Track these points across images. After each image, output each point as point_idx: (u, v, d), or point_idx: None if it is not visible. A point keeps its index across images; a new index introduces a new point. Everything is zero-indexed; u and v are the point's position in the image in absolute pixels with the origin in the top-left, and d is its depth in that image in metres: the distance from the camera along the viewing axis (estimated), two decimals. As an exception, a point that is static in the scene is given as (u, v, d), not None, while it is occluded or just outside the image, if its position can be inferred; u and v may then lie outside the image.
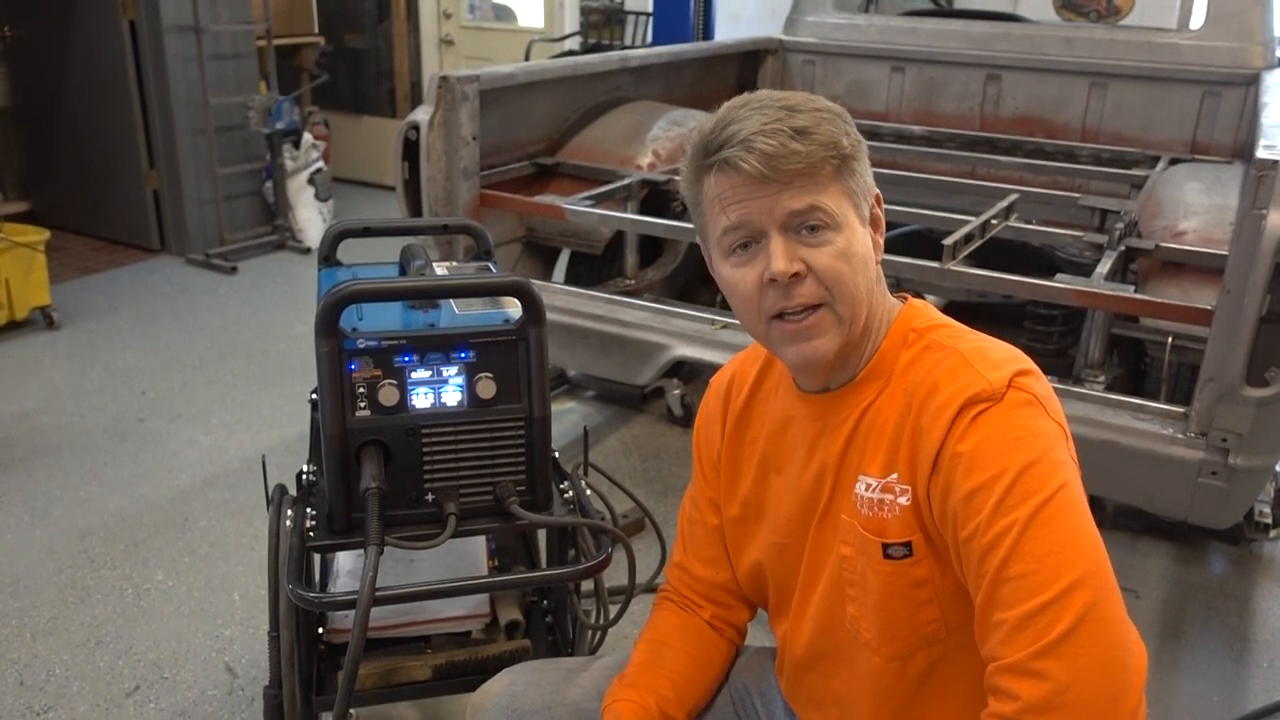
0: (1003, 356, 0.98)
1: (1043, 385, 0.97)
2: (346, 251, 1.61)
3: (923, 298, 1.15)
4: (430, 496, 1.29)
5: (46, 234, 4.04)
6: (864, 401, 1.05)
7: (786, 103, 1.00)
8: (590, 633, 1.57)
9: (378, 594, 1.16)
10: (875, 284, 1.04)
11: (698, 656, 1.26)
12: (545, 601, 1.68)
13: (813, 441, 1.09)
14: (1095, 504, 1.04)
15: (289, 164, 5.17)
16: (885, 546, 0.99)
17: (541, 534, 1.77)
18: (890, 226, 1.31)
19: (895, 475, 1.00)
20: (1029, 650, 0.86)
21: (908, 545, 0.99)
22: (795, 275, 0.99)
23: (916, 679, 1.03)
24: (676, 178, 3.25)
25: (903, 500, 0.99)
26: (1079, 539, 0.88)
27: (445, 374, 1.28)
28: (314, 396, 1.54)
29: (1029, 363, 0.99)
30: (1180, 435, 1.88)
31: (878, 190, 1.06)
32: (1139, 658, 0.87)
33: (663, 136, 3.01)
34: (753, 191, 0.98)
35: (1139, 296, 2.07)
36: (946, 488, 0.94)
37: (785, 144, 0.96)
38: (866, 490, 1.02)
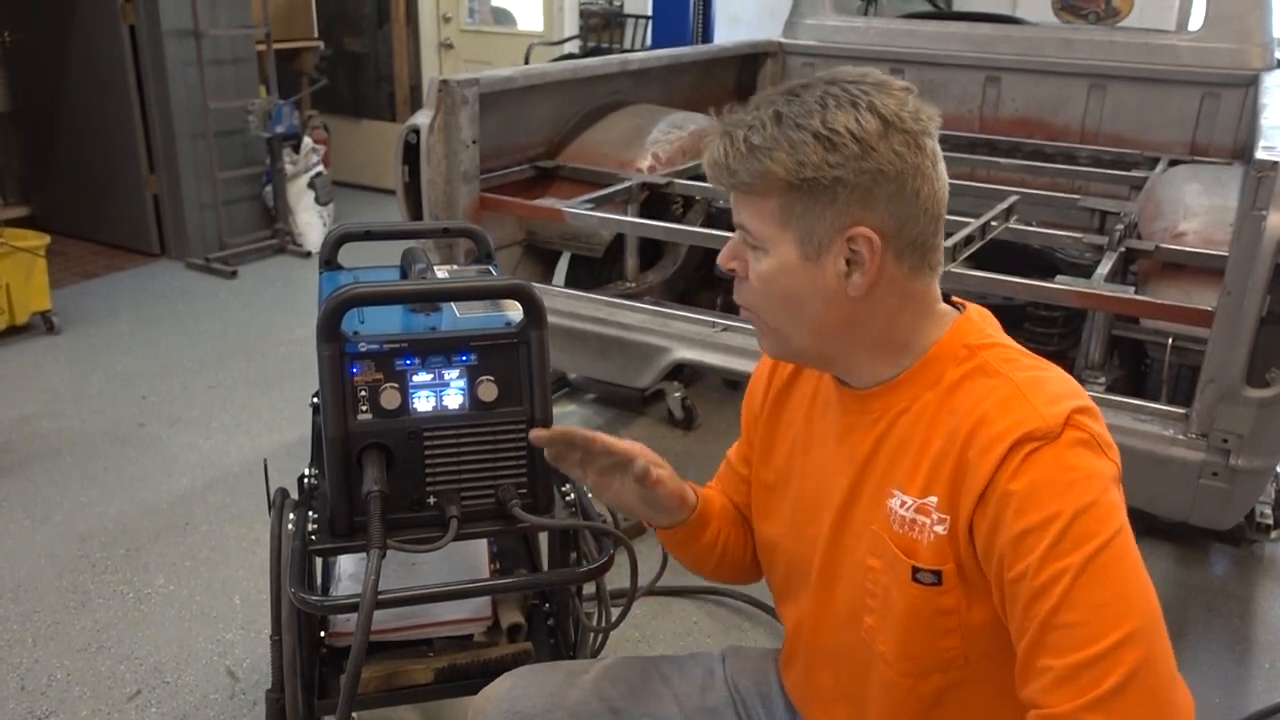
0: (1059, 390, 0.94)
1: (1099, 423, 0.93)
2: (347, 255, 1.61)
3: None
4: (432, 499, 1.29)
5: (46, 239, 4.05)
6: (898, 405, 1.02)
7: (778, 109, 0.95)
8: (592, 635, 1.57)
9: (380, 597, 1.16)
10: (896, 316, 1.00)
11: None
12: (547, 604, 1.68)
13: (843, 434, 1.08)
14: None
15: (289, 168, 5.17)
16: (915, 570, 0.97)
17: (543, 537, 1.77)
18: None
19: (934, 500, 0.96)
20: (1077, 702, 0.84)
21: (938, 574, 0.96)
22: (734, 272, 1.02)
23: (930, 698, 1.02)
24: (677, 180, 3.25)
25: (939, 529, 0.96)
26: (1133, 589, 0.86)
27: (447, 377, 1.28)
28: (315, 400, 1.54)
29: (1085, 397, 0.94)
30: (1181, 436, 1.88)
31: (865, 230, 0.94)
32: (1187, 714, 0.86)
33: (662, 139, 3.01)
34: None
35: (1139, 298, 2.07)
36: (994, 526, 0.91)
37: (727, 154, 0.96)
38: (901, 507, 0.99)
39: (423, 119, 2.47)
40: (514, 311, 1.34)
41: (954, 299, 1.07)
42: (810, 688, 1.18)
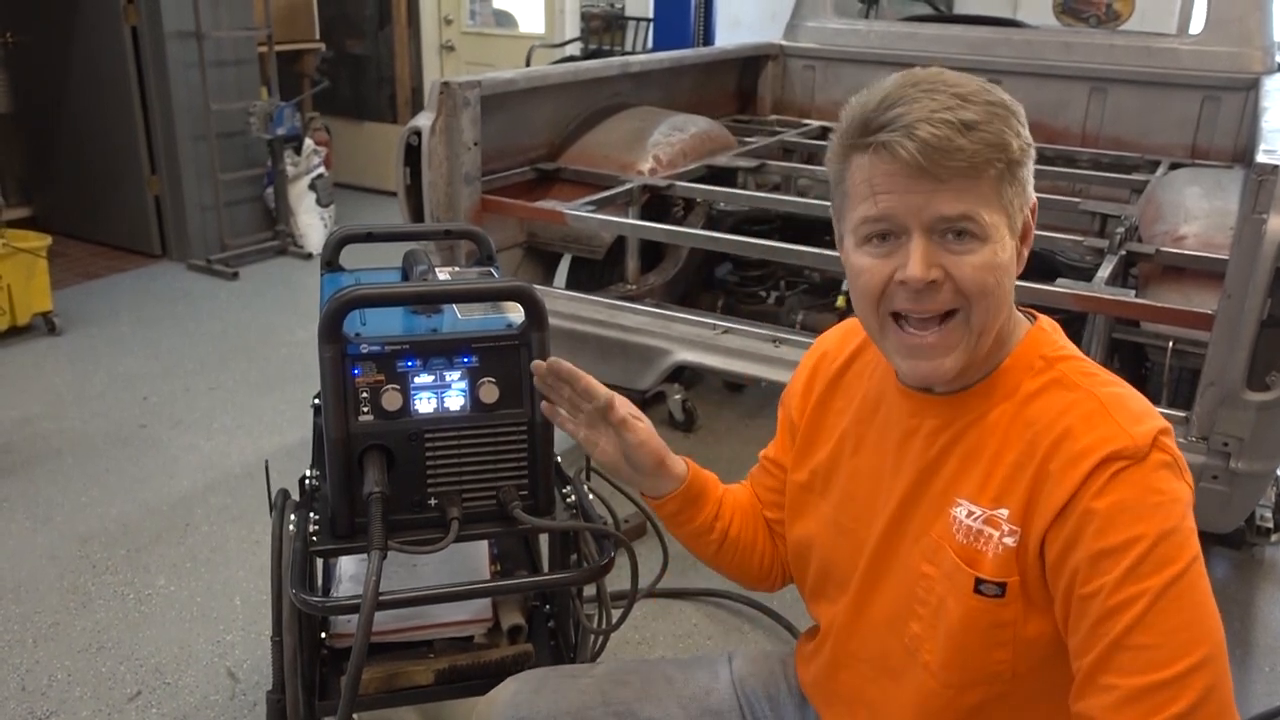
0: (1142, 409, 0.93)
1: (1176, 445, 0.93)
2: (349, 257, 1.62)
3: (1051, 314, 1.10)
4: (433, 501, 1.30)
5: (48, 239, 4.05)
6: (970, 414, 1.00)
7: (960, 90, 0.92)
8: (593, 637, 1.57)
9: (381, 598, 1.16)
10: (1010, 297, 0.99)
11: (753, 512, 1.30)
12: (548, 606, 1.68)
13: (904, 438, 1.06)
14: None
15: (290, 169, 5.18)
16: (979, 581, 0.96)
17: (544, 538, 1.77)
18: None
19: (1005, 512, 0.95)
20: None
21: (1002, 586, 0.95)
22: (931, 283, 0.93)
23: (966, 711, 1.01)
24: (678, 182, 3.25)
25: (1008, 540, 0.94)
26: (1205, 617, 0.87)
27: (448, 379, 1.29)
28: (316, 401, 1.54)
29: (1162, 418, 0.93)
30: (1181, 440, 1.88)
31: (1035, 198, 0.99)
32: None
33: (664, 142, 3.01)
34: (906, 184, 0.92)
35: (1140, 301, 2.07)
36: (1072, 542, 0.90)
37: (951, 137, 0.89)
38: (968, 517, 0.98)
39: (424, 121, 2.47)
40: (515, 313, 1.34)
41: (1020, 308, 1.05)
42: (832, 687, 1.17)
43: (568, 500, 1.43)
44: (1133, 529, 0.87)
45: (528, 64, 5.50)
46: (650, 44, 5.59)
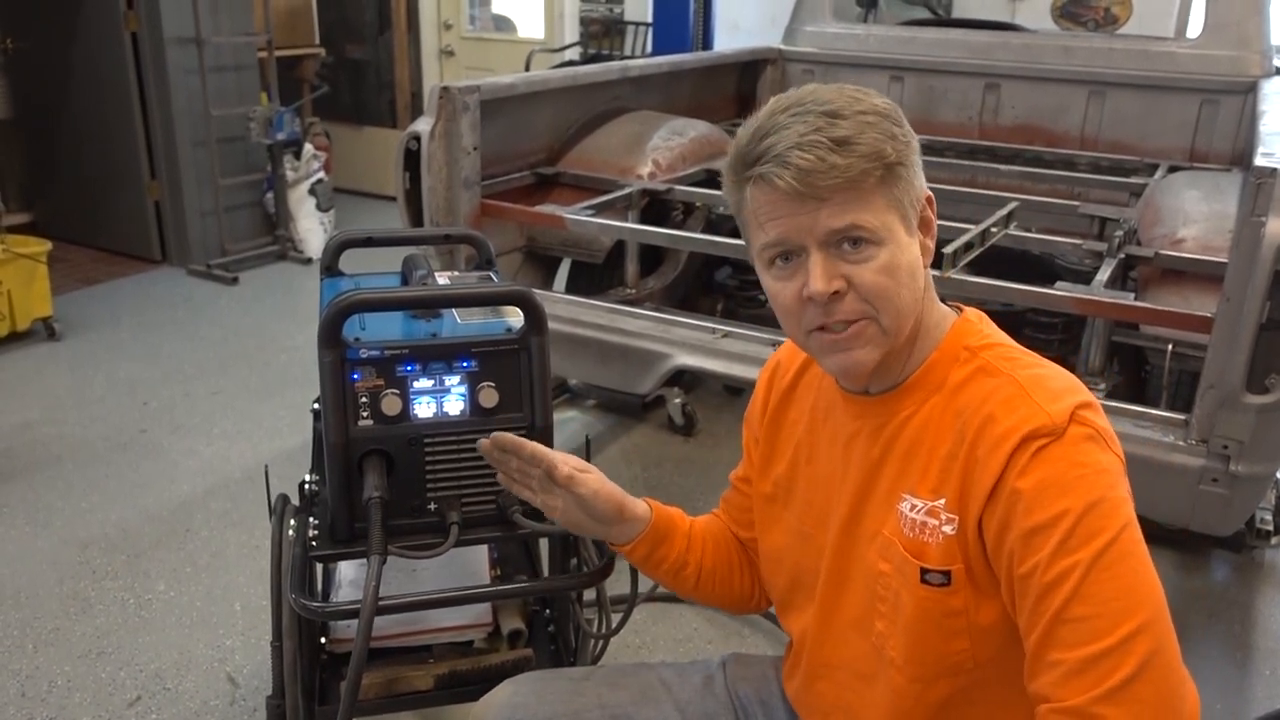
0: (1061, 386, 0.95)
1: (1101, 417, 0.95)
2: (348, 261, 1.62)
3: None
4: (433, 505, 1.30)
5: (48, 245, 4.05)
6: (905, 410, 1.03)
7: (830, 107, 0.94)
8: (593, 641, 1.57)
9: (380, 603, 1.16)
10: (924, 292, 1.02)
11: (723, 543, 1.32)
12: (547, 610, 1.68)
13: (849, 440, 1.08)
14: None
15: (290, 175, 5.18)
16: (924, 571, 0.98)
17: (543, 543, 1.77)
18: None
19: (943, 501, 0.98)
20: (1089, 695, 0.85)
21: (946, 574, 0.97)
22: (835, 293, 0.96)
23: (936, 705, 1.02)
24: (678, 186, 3.25)
25: (947, 529, 0.97)
26: (1141, 583, 0.88)
27: (447, 383, 1.29)
28: (316, 406, 1.54)
29: (1087, 393, 0.96)
30: (1181, 442, 1.88)
31: (929, 191, 1.02)
32: (1193, 705, 0.87)
33: (663, 146, 3.02)
34: (791, 209, 0.95)
35: (1139, 304, 2.08)
36: (1004, 523, 0.92)
37: (823, 158, 0.92)
38: (912, 510, 1.00)
39: (424, 126, 2.47)
40: (515, 318, 1.34)
41: (949, 303, 1.08)
42: (811, 699, 1.18)
43: (567, 504, 1.42)
44: (1058, 504, 0.89)
45: (527, 69, 5.51)
46: (649, 48, 5.60)
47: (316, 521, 1.34)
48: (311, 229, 5.31)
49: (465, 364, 1.29)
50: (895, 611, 1.02)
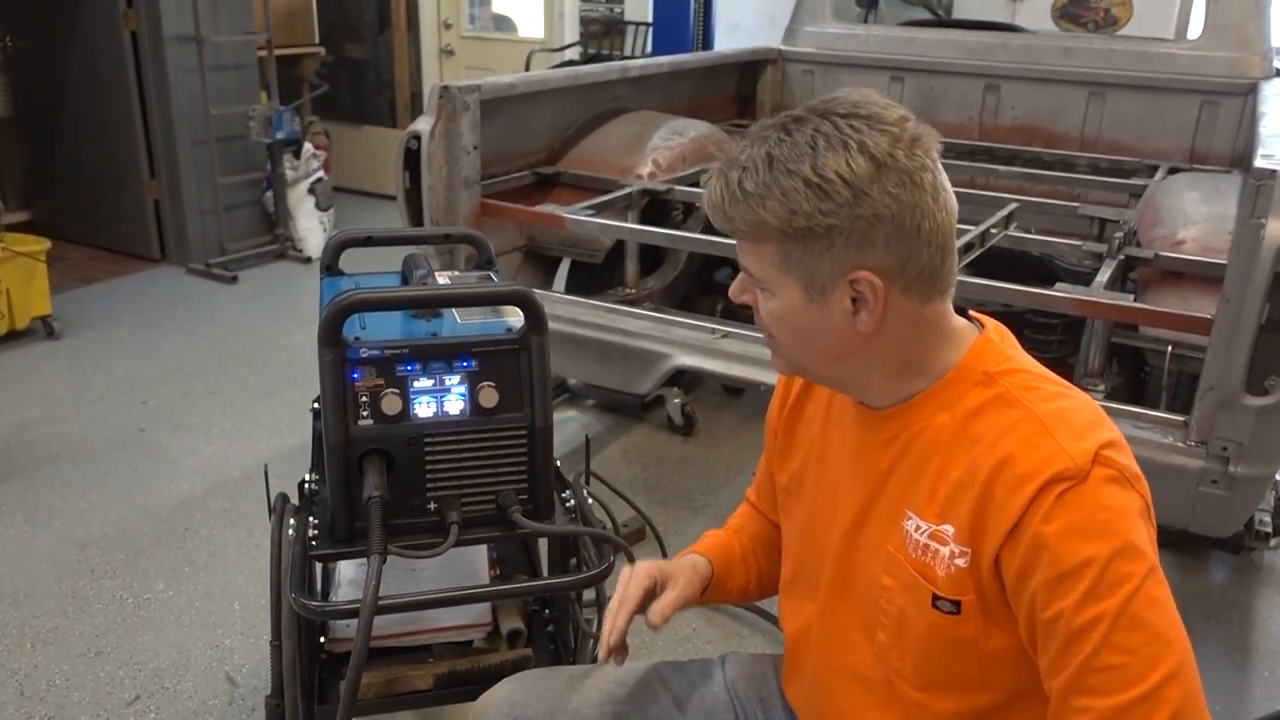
0: (1084, 421, 0.92)
1: (1125, 454, 0.92)
2: (348, 261, 1.62)
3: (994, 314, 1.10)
4: (432, 505, 1.30)
5: (47, 243, 4.05)
6: (914, 426, 1.01)
7: (782, 149, 0.93)
8: (592, 641, 1.57)
9: (380, 602, 1.16)
10: (852, 355, 0.99)
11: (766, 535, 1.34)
12: (547, 610, 1.68)
13: (857, 449, 1.07)
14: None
15: (289, 174, 5.18)
16: (935, 597, 0.97)
17: (543, 543, 1.77)
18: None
19: (951, 530, 0.96)
20: None
21: (957, 604, 0.96)
22: (745, 305, 1.03)
23: (946, 717, 1.01)
24: (677, 186, 3.25)
25: (960, 562, 0.95)
26: (1168, 628, 0.87)
27: (447, 383, 1.29)
28: (316, 405, 1.54)
29: (1111, 427, 0.93)
30: (1180, 444, 1.88)
31: (866, 274, 0.93)
32: None
33: (663, 146, 3.02)
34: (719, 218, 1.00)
35: (1138, 305, 2.08)
36: (1026, 567, 0.90)
37: (723, 199, 0.96)
38: (916, 531, 0.99)
39: (424, 125, 2.47)
40: (514, 318, 1.34)
41: (970, 312, 1.05)
42: (811, 700, 1.18)
43: (567, 504, 1.43)
44: (1084, 551, 0.87)
45: (527, 68, 5.51)
46: (649, 48, 5.60)
47: (316, 521, 1.34)
48: (311, 228, 5.30)
49: (465, 364, 1.29)
50: (899, 626, 1.01)
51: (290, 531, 1.37)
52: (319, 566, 1.61)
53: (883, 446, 1.04)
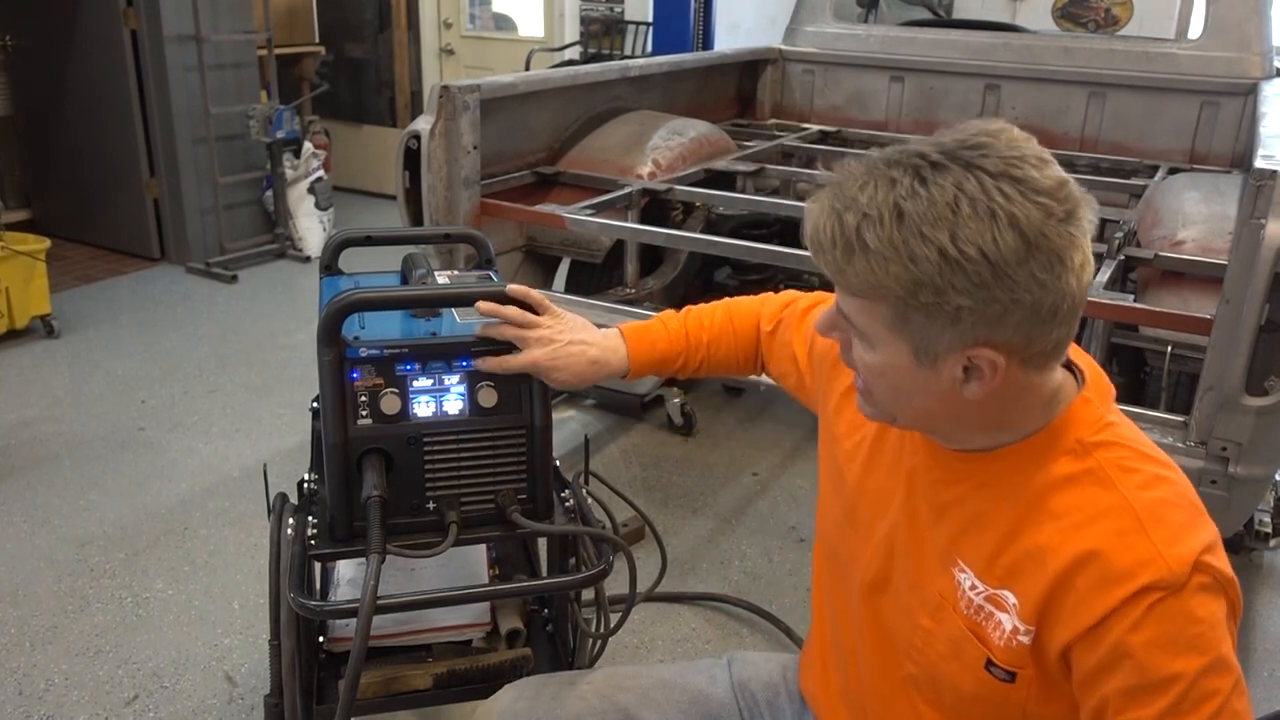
0: (1183, 520, 0.86)
1: (1221, 557, 0.85)
2: (348, 260, 1.62)
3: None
4: (431, 505, 1.29)
5: (47, 242, 4.05)
6: (982, 475, 0.94)
7: (901, 203, 0.81)
8: (591, 641, 1.57)
9: (379, 602, 1.16)
10: (946, 414, 0.92)
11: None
12: (546, 610, 1.68)
13: (913, 473, 1.01)
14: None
15: (289, 173, 5.18)
16: (989, 662, 0.92)
17: (542, 542, 1.77)
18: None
19: (1013, 600, 0.90)
20: None
21: (1012, 675, 0.91)
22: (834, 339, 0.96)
23: None
24: (677, 186, 3.24)
25: (1023, 639, 0.89)
26: None
27: (447, 382, 1.28)
28: (315, 405, 1.54)
29: (1210, 526, 0.87)
30: (1180, 444, 1.88)
31: (989, 352, 0.84)
32: None
33: (663, 146, 3.02)
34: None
35: (1138, 305, 2.08)
36: (1104, 669, 0.85)
37: (835, 243, 0.85)
38: (971, 590, 0.93)
39: (424, 124, 2.47)
40: (514, 317, 1.34)
41: (1071, 354, 0.96)
42: (833, 701, 1.18)
43: (566, 504, 1.43)
44: (1171, 665, 0.82)
45: (527, 68, 5.51)
46: (649, 48, 5.59)
47: (315, 520, 1.34)
48: (310, 227, 5.30)
49: (465, 363, 1.29)
50: (935, 669, 0.97)
51: (289, 531, 1.36)
52: (318, 566, 1.61)
53: (942, 483, 0.98)
